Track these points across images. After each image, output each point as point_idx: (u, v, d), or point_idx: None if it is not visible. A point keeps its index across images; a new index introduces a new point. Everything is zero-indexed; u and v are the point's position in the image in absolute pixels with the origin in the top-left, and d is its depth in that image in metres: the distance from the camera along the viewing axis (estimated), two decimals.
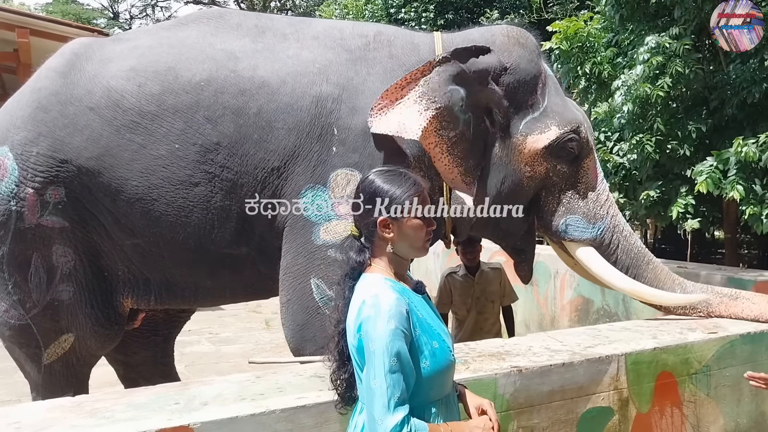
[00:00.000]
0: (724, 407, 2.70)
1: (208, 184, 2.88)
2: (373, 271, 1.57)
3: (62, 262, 2.99)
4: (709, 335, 2.68)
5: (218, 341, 6.76)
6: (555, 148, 2.99)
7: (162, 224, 2.94)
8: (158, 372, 3.71)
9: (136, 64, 3.02)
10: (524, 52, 3.04)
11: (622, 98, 5.88)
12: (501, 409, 2.13)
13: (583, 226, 3.08)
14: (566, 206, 3.11)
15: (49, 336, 3.07)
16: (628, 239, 3.12)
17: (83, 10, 25.58)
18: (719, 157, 4.97)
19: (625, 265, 3.09)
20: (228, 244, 2.97)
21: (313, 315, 2.78)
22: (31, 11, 15.10)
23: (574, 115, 3.08)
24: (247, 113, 2.88)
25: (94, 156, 2.91)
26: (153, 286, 3.13)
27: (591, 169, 3.13)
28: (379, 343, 1.39)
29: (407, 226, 1.55)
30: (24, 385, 3.36)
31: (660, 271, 3.13)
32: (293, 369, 2.24)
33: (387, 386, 1.37)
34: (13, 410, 1.90)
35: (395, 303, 1.44)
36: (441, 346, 1.53)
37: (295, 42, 3.06)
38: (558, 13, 9.04)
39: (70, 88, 3.00)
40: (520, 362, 2.21)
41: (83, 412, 1.84)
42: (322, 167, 2.85)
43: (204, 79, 2.94)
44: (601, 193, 3.12)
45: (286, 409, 1.86)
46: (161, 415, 1.79)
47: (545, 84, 3.07)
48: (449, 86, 2.84)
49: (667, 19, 6.15)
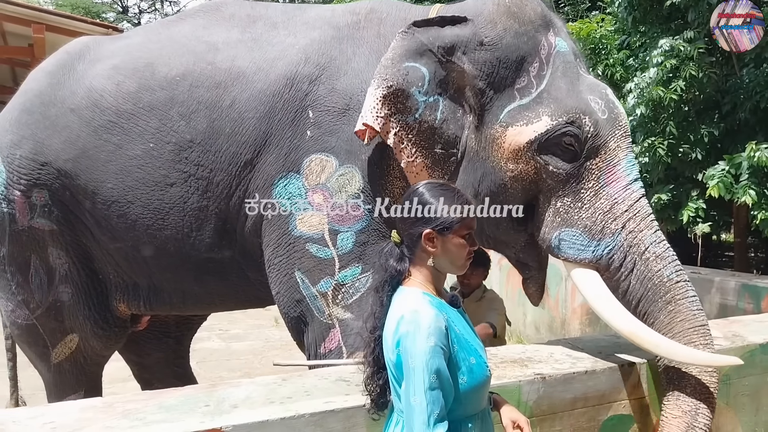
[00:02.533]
0: (743, 416, 2.71)
1: (184, 184, 2.75)
2: (411, 284, 1.57)
3: (58, 264, 3.00)
4: (728, 344, 2.68)
5: (228, 338, 6.80)
6: (544, 143, 2.39)
7: (139, 228, 2.83)
8: (171, 373, 3.72)
9: (119, 62, 2.95)
10: (513, 23, 2.48)
11: (635, 101, 5.89)
12: (525, 415, 2.14)
13: (582, 242, 2.39)
14: (563, 216, 2.43)
15: (55, 336, 3.10)
16: (649, 265, 2.32)
17: (93, 3, 25.58)
18: (731, 162, 4.98)
19: (636, 297, 2.35)
20: (209, 247, 2.82)
21: (304, 307, 2.65)
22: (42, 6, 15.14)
23: (578, 103, 2.40)
24: (220, 106, 2.72)
25: (71, 158, 2.86)
26: (141, 291, 3.06)
27: (604, 171, 2.41)
28: (418, 359, 1.40)
29: (452, 242, 1.55)
30: (37, 378, 3.41)
31: (683, 315, 2.28)
32: (318, 372, 2.26)
33: (427, 403, 1.38)
34: (46, 409, 1.93)
35: (434, 319, 1.44)
36: (478, 362, 1.54)
37: (284, 29, 2.87)
38: (569, 14, 9.02)
39: (55, 89, 2.97)
40: (543, 369, 2.23)
41: (116, 413, 1.86)
42: (294, 153, 2.63)
43: (180, 73, 2.81)
44: (618, 202, 2.37)
45: (315, 413, 1.88)
46: (193, 418, 1.82)
47: (546, 63, 2.47)
48: (405, 63, 2.46)
49: (680, 21, 6.15)
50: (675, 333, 2.26)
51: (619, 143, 2.43)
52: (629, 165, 2.43)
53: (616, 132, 2.43)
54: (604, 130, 2.40)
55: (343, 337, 2.56)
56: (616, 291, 2.37)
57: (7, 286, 3.09)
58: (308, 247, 2.59)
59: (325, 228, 2.58)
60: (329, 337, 2.58)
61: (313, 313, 2.62)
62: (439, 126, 2.49)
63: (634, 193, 2.39)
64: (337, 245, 2.57)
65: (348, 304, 2.56)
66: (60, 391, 3.21)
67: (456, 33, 2.50)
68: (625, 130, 2.46)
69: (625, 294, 2.36)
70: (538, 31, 2.50)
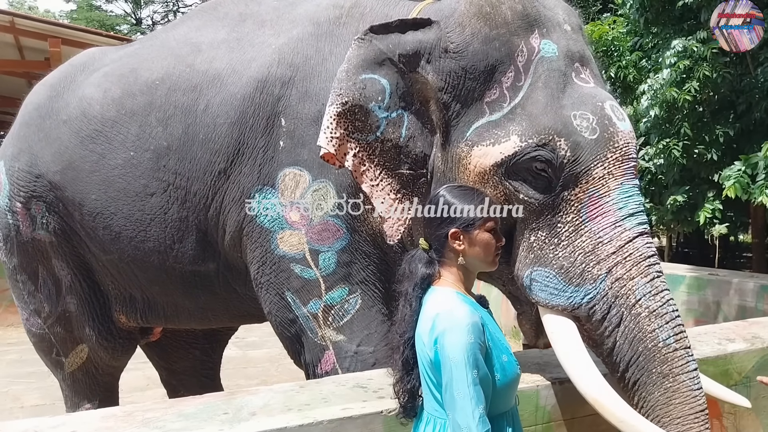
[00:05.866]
0: (765, 419, 2.67)
1: (164, 194, 2.64)
2: (442, 284, 1.61)
3: (63, 275, 3.00)
4: (748, 346, 2.66)
5: (245, 346, 6.82)
6: (512, 167, 2.01)
7: (123, 240, 2.76)
8: (198, 383, 3.72)
9: (110, 69, 2.91)
10: (483, 26, 2.10)
11: (648, 102, 5.88)
12: (542, 420, 2.14)
13: (556, 286, 1.98)
14: (536, 253, 2.03)
15: (66, 345, 3.12)
16: (640, 322, 1.87)
17: (107, 16, 25.97)
18: (747, 162, 4.94)
19: (624, 360, 1.90)
20: (192, 260, 2.71)
21: (298, 327, 2.54)
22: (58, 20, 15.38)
23: (554, 122, 1.99)
24: (195, 111, 2.59)
25: (60, 170, 2.85)
26: (137, 303, 3.02)
27: (585, 203, 1.97)
28: (460, 355, 1.43)
29: (478, 239, 1.59)
30: (57, 389, 3.45)
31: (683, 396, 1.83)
32: (335, 379, 2.26)
33: (470, 396, 1.42)
34: (68, 418, 1.95)
35: (470, 316, 1.49)
36: (509, 360, 1.58)
37: (270, 28, 2.67)
38: (580, 16, 8.99)
39: (53, 101, 2.97)
40: (561, 374, 2.22)
41: (135, 422, 1.87)
42: (269, 165, 2.46)
43: (159, 77, 2.70)
44: (603, 242, 1.93)
45: (333, 420, 1.88)
46: (212, 426, 1.82)
47: (524, 72, 2.07)
48: (362, 75, 2.16)
49: (692, 22, 6.12)
50: (673, 418, 1.83)
51: (611, 170, 1.97)
52: (623, 197, 1.96)
53: (607, 156, 1.97)
54: (588, 153, 1.96)
55: (338, 360, 2.46)
56: (600, 347, 1.97)
57: (20, 296, 3.15)
58: (293, 267, 2.45)
59: (306, 248, 2.43)
60: (324, 359, 2.49)
61: (306, 333, 2.52)
62: (404, 144, 2.19)
63: (626, 232, 1.93)
64: (320, 266, 2.43)
65: (339, 326, 2.45)
66: (75, 400, 3.25)
67: (419, 39, 2.16)
68: (623, 152, 1.99)
69: (611, 354, 1.93)
70: (516, 34, 2.09)
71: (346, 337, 2.44)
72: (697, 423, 1.82)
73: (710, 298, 5.23)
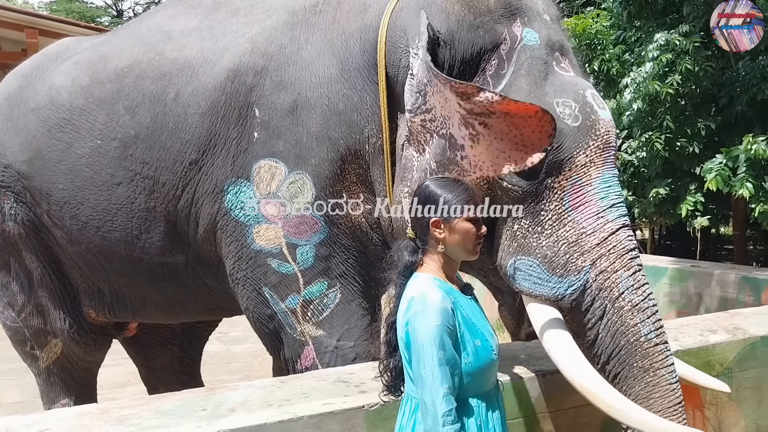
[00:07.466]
0: (745, 409, 2.70)
1: (130, 183, 2.59)
2: (424, 270, 1.67)
3: (33, 267, 2.95)
4: (730, 337, 2.67)
5: (228, 341, 6.77)
6: None
7: (90, 230, 2.71)
8: (177, 380, 3.64)
9: (80, 57, 2.86)
10: (467, 14, 2.12)
11: (631, 96, 5.90)
12: (526, 413, 2.13)
13: (540, 275, 1.98)
14: (519, 242, 2.03)
15: (39, 339, 3.07)
16: (623, 316, 1.89)
17: (87, 8, 25.56)
18: (729, 155, 4.97)
19: (606, 352, 1.93)
20: (160, 251, 2.66)
21: (276, 323, 2.50)
22: (36, 11, 15.12)
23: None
24: (164, 100, 2.53)
25: (27, 159, 2.80)
26: (105, 296, 2.96)
27: (568, 191, 1.97)
28: (427, 336, 1.51)
29: (458, 227, 1.64)
30: (36, 386, 3.38)
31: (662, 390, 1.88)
32: (316, 374, 2.24)
33: (435, 376, 1.49)
34: (41, 416, 1.91)
35: (441, 300, 1.56)
36: (483, 345, 1.62)
37: (244, 17, 2.62)
38: (564, 10, 9.01)
39: (23, 90, 2.93)
40: (545, 365, 2.21)
41: (111, 419, 1.83)
42: (243, 157, 2.41)
43: (128, 64, 2.65)
44: (587, 233, 1.94)
45: (314, 415, 1.86)
46: (190, 423, 1.79)
47: (507, 60, 2.08)
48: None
49: (675, 16, 6.15)
50: (653, 411, 1.86)
51: (593, 158, 1.97)
52: (604, 186, 1.97)
53: (589, 143, 1.97)
54: (571, 141, 1.97)
55: (317, 356, 2.42)
56: (582, 339, 1.96)
57: None
58: (270, 262, 2.41)
59: (282, 242, 2.39)
60: (304, 355, 2.45)
61: (285, 329, 2.48)
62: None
63: (608, 223, 1.94)
64: (297, 260, 2.38)
65: (319, 321, 2.41)
66: (51, 395, 3.20)
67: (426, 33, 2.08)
68: (604, 140, 1.99)
69: (593, 346, 1.95)
70: (499, 22, 2.10)
71: (326, 332, 2.42)
72: (676, 415, 1.87)
73: (692, 290, 5.27)
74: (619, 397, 1.86)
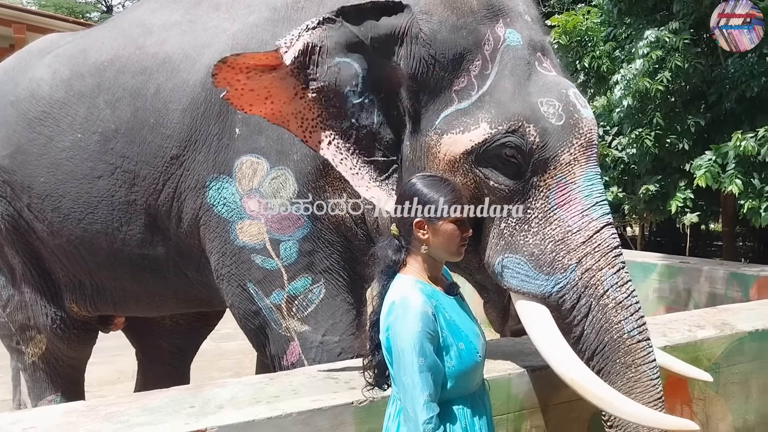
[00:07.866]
0: (733, 404, 2.72)
1: (111, 176, 2.60)
2: (407, 272, 1.64)
3: (15, 262, 2.95)
4: (718, 333, 2.69)
5: (218, 338, 6.70)
6: (482, 154, 2.03)
7: (71, 222, 2.72)
8: (165, 371, 3.71)
9: (62, 50, 2.85)
10: (450, 14, 2.09)
11: (621, 92, 5.92)
12: (515, 409, 2.13)
13: (527, 273, 2.01)
14: (507, 240, 2.05)
15: (24, 334, 3.07)
16: (607, 313, 1.93)
17: (76, 3, 25.30)
18: (718, 151, 5.00)
19: (590, 348, 1.96)
20: (140, 243, 2.67)
21: (262, 319, 2.50)
22: (25, 6, 14.99)
23: (522, 108, 2.02)
24: (145, 94, 2.53)
25: (8, 154, 2.79)
26: (86, 290, 2.96)
27: (554, 189, 2.01)
28: (407, 343, 1.48)
29: (441, 229, 1.60)
30: None
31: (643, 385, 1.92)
32: (305, 371, 2.23)
33: (416, 383, 1.47)
34: (27, 414, 1.89)
35: (422, 305, 1.52)
36: (467, 347, 1.59)
37: (225, 12, 2.61)
38: (555, 7, 9.03)
39: (4, 84, 2.92)
40: (533, 361, 2.22)
41: (99, 417, 1.82)
42: (224, 153, 2.41)
43: (109, 58, 2.65)
44: (573, 232, 1.97)
45: (303, 412, 1.85)
46: (178, 420, 1.78)
47: (491, 61, 2.08)
48: (335, 59, 2.09)
49: (665, 13, 6.18)
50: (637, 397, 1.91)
51: (577, 156, 2.01)
52: (588, 185, 2.01)
53: (573, 142, 2.00)
54: (555, 139, 2.00)
55: (303, 351, 2.43)
56: (568, 335, 1.99)
57: None
58: (254, 258, 2.41)
59: (266, 238, 2.39)
60: (289, 351, 2.45)
61: (270, 325, 2.48)
62: (377, 130, 2.17)
63: (593, 222, 1.97)
64: (281, 255, 2.39)
65: (304, 316, 2.42)
66: (37, 391, 3.18)
67: (392, 23, 2.12)
68: (587, 138, 2.03)
69: (578, 342, 1.98)
70: (482, 23, 2.10)
71: (311, 328, 2.42)
72: (656, 409, 1.90)
73: (681, 286, 5.30)
74: (609, 390, 1.88)
